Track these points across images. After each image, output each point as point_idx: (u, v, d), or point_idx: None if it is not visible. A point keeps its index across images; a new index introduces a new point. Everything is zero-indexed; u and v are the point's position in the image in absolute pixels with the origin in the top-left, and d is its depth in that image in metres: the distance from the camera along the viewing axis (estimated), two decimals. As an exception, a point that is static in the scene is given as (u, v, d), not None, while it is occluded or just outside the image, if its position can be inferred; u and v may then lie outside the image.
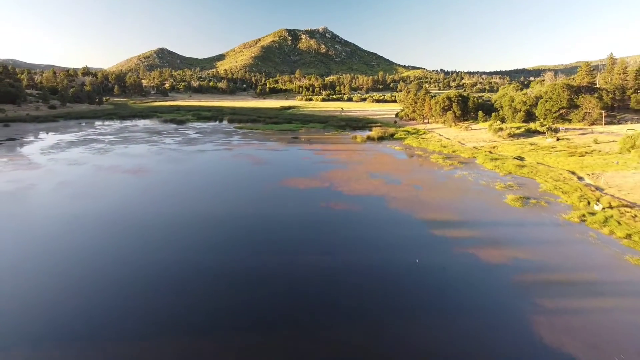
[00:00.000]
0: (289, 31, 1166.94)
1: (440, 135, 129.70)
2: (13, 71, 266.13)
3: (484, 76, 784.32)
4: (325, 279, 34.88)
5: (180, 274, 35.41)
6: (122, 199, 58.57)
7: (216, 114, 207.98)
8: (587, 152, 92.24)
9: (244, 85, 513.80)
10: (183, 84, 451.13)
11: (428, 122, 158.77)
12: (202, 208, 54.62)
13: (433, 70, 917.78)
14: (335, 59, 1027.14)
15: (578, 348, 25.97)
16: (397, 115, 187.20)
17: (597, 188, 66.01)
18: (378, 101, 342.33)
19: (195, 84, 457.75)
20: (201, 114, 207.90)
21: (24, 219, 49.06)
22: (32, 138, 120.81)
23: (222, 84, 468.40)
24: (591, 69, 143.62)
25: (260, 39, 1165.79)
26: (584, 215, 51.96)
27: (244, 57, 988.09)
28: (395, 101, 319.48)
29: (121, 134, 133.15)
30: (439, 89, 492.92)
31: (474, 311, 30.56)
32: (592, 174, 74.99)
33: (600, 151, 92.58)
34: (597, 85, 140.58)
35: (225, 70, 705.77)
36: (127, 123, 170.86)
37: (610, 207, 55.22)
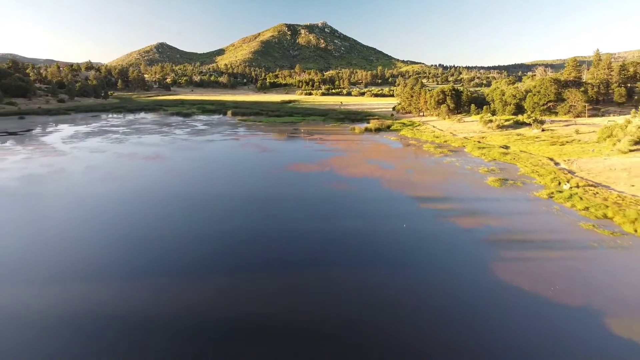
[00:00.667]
0: (288, 26, 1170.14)
1: (434, 127, 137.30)
2: (22, 66, 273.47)
3: (482, 71, 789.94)
4: (326, 237, 42.68)
5: (213, 234, 43.20)
6: (147, 180, 66.26)
7: (219, 108, 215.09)
8: (567, 142, 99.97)
9: (245, 80, 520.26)
10: (184, 78, 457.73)
11: (423, 115, 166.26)
12: (219, 188, 62.45)
13: (432, 65, 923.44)
14: (335, 54, 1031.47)
15: (525, 282, 33.74)
16: (394, 108, 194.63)
17: (570, 172, 73.81)
18: (376, 95, 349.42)
19: (196, 78, 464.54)
20: (205, 108, 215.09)
21: (69, 197, 56.66)
22: (49, 129, 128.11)
23: (223, 79, 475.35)
24: (578, 64, 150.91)
25: (259, 34, 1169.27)
26: (552, 193, 59.73)
27: (244, 51, 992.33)
28: (393, 95, 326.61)
29: (132, 126, 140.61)
30: (437, 84, 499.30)
31: (446, 258, 38.42)
32: (568, 160, 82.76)
33: (579, 141, 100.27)
34: (584, 80, 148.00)
35: (225, 65, 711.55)
36: (136, 116, 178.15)
37: (577, 186, 63.06)
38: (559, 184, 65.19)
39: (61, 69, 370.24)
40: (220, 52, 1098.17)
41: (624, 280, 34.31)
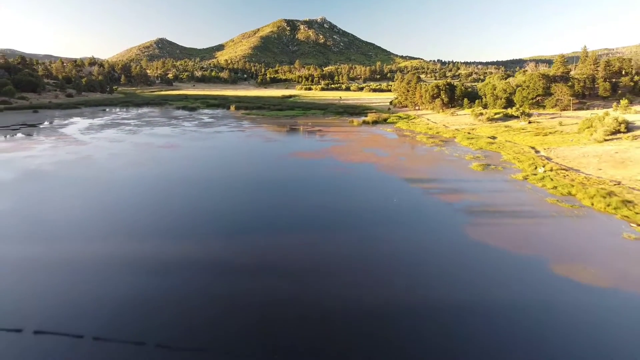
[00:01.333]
0: (288, 21, 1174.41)
1: (428, 119, 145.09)
2: (29, 62, 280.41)
3: (480, 66, 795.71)
4: (327, 207, 50.61)
5: (232, 206, 51.13)
6: (168, 165, 74.05)
7: (222, 102, 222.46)
8: (550, 133, 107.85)
9: (245, 75, 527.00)
10: (186, 73, 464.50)
11: (419, 109, 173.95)
12: (232, 171, 70.37)
13: (430, 61, 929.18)
14: (334, 49, 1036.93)
15: (492, 240, 41.61)
16: (391, 103, 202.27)
17: (547, 158, 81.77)
18: (375, 90, 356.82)
19: (198, 74, 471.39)
20: (209, 102, 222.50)
21: (103, 177, 64.45)
22: (65, 122, 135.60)
23: (224, 74, 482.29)
24: (565, 60, 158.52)
25: (259, 30, 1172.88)
26: (527, 176, 67.70)
27: (243, 47, 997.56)
28: (390, 90, 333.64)
29: (142, 119, 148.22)
30: (435, 79, 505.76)
31: (428, 223, 46.41)
32: (548, 148, 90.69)
33: (562, 132, 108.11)
34: (571, 75, 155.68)
35: (226, 60, 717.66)
36: (143, 110, 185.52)
37: (551, 170, 71.07)
38: (535, 168, 73.13)
39: (65, 64, 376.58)
40: (220, 47, 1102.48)
41: (570, 239, 42.26)
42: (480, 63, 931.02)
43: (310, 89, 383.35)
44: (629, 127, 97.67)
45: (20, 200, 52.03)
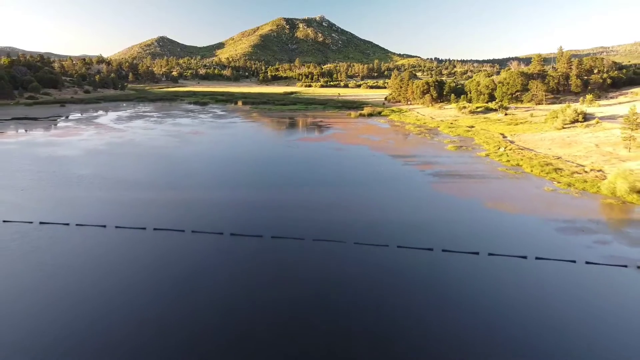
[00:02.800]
0: (287, 20, 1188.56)
1: (417, 112, 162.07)
2: (47, 60, 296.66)
3: (475, 64, 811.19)
4: (330, 173, 67.61)
5: (257, 172, 68.12)
6: (200, 147, 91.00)
7: (229, 98, 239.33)
8: (521, 123, 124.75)
9: (246, 73, 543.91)
10: (190, 71, 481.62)
11: (410, 104, 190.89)
12: (253, 150, 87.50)
13: (427, 59, 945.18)
14: (332, 48, 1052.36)
15: (448, 191, 58.46)
16: (385, 98, 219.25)
17: (511, 141, 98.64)
18: (371, 87, 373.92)
19: (202, 71, 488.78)
20: (217, 98, 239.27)
21: (152, 154, 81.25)
22: (93, 114, 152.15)
23: (226, 72, 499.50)
24: (543, 59, 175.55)
25: (258, 28, 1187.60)
26: (490, 153, 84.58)
27: (243, 45, 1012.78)
28: (386, 87, 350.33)
29: (161, 112, 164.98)
30: (431, 77, 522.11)
31: (405, 182, 63.42)
32: (515, 134, 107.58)
33: (531, 122, 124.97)
34: (547, 73, 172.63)
35: (227, 58, 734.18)
36: (158, 105, 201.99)
37: (510, 149, 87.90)
38: (499, 148, 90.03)
39: (75, 62, 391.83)
40: (220, 45, 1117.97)
41: (505, 190, 59.23)
42: (477, 61, 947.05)
43: (310, 86, 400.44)
44: (587, 118, 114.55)
45: (97, 167, 68.93)
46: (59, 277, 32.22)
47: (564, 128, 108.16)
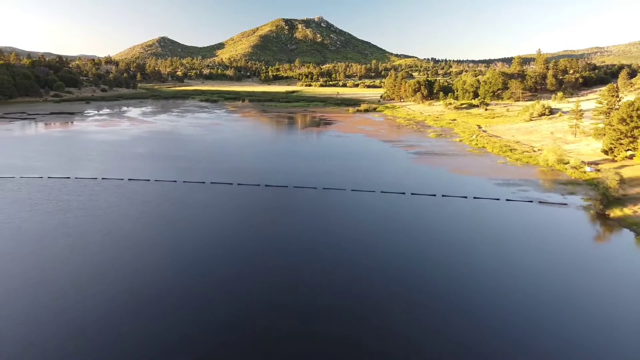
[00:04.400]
0: (286, 21, 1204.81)
1: (409, 109, 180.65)
2: (66, 61, 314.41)
3: (471, 64, 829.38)
4: (332, 151, 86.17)
5: (273, 150, 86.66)
6: (222, 134, 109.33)
7: (236, 96, 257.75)
8: (497, 116, 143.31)
9: (248, 73, 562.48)
10: (194, 71, 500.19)
11: (403, 101, 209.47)
12: (268, 137, 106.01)
13: (424, 59, 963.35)
14: (331, 48, 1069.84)
15: (424, 163, 77.05)
16: (381, 96, 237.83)
17: (484, 131, 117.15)
18: (369, 87, 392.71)
19: (206, 71, 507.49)
20: (225, 96, 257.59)
21: (187, 138, 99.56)
22: (120, 110, 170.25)
23: (229, 72, 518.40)
24: (522, 60, 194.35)
25: (258, 28, 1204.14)
26: (463, 139, 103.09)
27: (243, 45, 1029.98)
28: (382, 86, 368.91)
29: (180, 107, 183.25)
30: (427, 76, 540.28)
31: (391, 157, 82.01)
32: (489, 126, 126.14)
33: (506, 115, 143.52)
34: (526, 73, 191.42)
35: (229, 58, 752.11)
36: (173, 102, 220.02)
37: (481, 136, 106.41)
38: (472, 136, 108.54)
39: (85, 62, 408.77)
40: (220, 46, 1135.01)
41: (469, 163, 77.70)
42: (473, 61, 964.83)
43: (310, 85, 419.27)
44: (552, 112, 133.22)
45: (149, 148, 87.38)
46: (157, 206, 50.76)
47: (531, 120, 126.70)
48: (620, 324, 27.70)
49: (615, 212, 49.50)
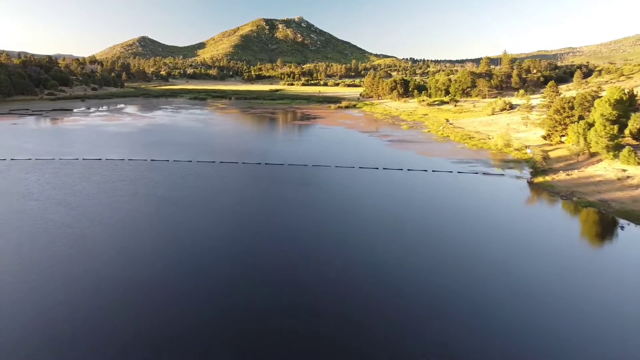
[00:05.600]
0: (266, 20, 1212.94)
1: (386, 105, 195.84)
2: (54, 61, 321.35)
3: (447, 64, 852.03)
4: (313, 139, 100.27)
5: (265, 136, 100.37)
6: (219, 127, 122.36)
7: (223, 94, 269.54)
8: (465, 111, 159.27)
9: (231, 72, 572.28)
10: (177, 71, 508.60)
11: (381, 98, 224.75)
12: (257, 129, 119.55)
13: (403, 59, 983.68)
14: (311, 48, 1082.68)
15: (395, 148, 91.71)
16: (360, 94, 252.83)
17: (451, 124, 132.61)
18: (349, 86, 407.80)
19: (189, 71, 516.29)
20: (212, 94, 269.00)
21: (190, 129, 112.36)
22: (117, 107, 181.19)
23: (212, 71, 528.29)
24: (489, 61, 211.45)
25: (238, 28, 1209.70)
26: (430, 131, 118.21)
27: (224, 45, 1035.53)
28: (362, 86, 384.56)
29: (172, 105, 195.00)
30: (405, 76, 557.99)
31: (366, 145, 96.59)
32: (456, 119, 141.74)
33: (472, 110, 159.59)
34: (493, 72, 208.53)
35: (211, 58, 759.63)
36: (163, 100, 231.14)
37: (447, 128, 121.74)
38: (439, 127, 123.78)
39: (70, 62, 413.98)
40: (201, 45, 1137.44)
41: (432, 148, 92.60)
42: (450, 61, 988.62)
43: (292, 84, 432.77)
44: (513, 107, 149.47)
45: (157, 137, 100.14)
46: (181, 177, 64.25)
47: (493, 114, 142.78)
48: (532, 244, 42.61)
49: (538, 179, 64.71)
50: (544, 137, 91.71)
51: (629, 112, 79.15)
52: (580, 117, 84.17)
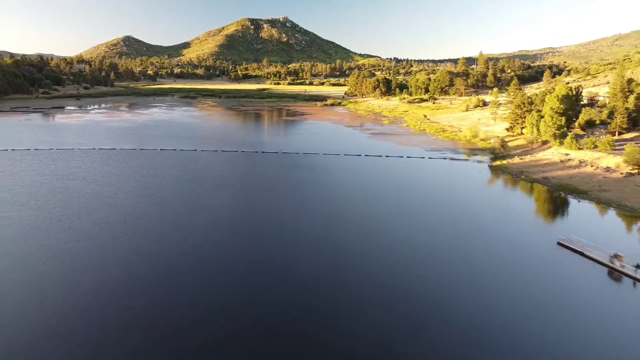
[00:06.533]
0: (251, 20, 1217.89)
1: (369, 103, 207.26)
2: (46, 60, 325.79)
3: (431, 64, 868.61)
4: (302, 134, 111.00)
5: (259, 135, 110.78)
6: (214, 123, 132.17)
7: (212, 93, 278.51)
8: (442, 108, 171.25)
9: (217, 72, 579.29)
10: (165, 70, 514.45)
11: (365, 97, 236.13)
12: (251, 124, 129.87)
13: (387, 59, 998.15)
14: (296, 48, 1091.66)
15: (377, 140, 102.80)
16: (345, 93, 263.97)
17: (428, 119, 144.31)
18: (334, 85, 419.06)
19: (177, 70, 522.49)
20: (202, 93, 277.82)
21: (191, 125, 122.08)
22: (110, 105, 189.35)
23: (199, 71, 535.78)
24: (466, 60, 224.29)
25: (223, 28, 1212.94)
26: (409, 125, 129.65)
27: (210, 45, 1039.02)
28: (346, 85, 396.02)
29: (165, 103, 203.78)
30: (389, 75, 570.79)
31: (350, 137, 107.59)
32: (433, 115, 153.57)
33: (449, 107, 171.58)
34: (470, 71, 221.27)
35: (197, 57, 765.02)
36: (156, 98, 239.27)
37: (424, 122, 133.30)
38: (417, 122, 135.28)
39: (59, 62, 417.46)
40: (186, 45, 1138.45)
41: (410, 138, 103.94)
42: (433, 61, 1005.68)
43: (278, 83, 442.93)
44: (486, 104, 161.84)
45: (161, 130, 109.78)
46: (194, 162, 74.42)
47: (467, 110, 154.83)
48: (479, 207, 53.87)
49: (496, 163, 76.23)
50: (507, 129, 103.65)
51: (576, 106, 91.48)
52: (539, 112, 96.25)
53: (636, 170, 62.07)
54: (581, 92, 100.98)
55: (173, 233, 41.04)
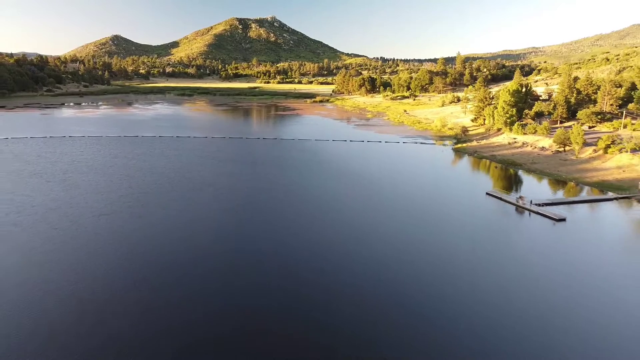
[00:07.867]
0: (240, 20, 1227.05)
1: (355, 100, 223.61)
2: (45, 59, 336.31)
3: (416, 63, 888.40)
4: (293, 126, 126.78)
5: (248, 122, 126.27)
6: (213, 117, 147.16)
7: (207, 91, 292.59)
8: (421, 104, 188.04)
9: (207, 71, 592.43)
10: (156, 69, 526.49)
11: (351, 94, 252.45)
12: (248, 118, 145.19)
13: (373, 58, 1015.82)
14: (284, 47, 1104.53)
15: (359, 130, 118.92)
16: (333, 91, 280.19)
17: (407, 113, 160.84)
18: (322, 83, 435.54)
19: (168, 69, 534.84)
20: (197, 91, 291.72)
21: (195, 118, 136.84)
22: (115, 102, 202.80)
23: (190, 70, 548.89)
24: (445, 60, 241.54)
25: (212, 27, 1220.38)
26: (390, 118, 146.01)
27: (198, 44, 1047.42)
28: (334, 83, 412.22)
29: (165, 100, 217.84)
30: (375, 74, 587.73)
31: (337, 129, 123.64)
32: (412, 110, 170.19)
33: (428, 104, 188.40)
34: (448, 71, 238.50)
35: (187, 56, 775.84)
36: (155, 96, 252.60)
37: (403, 116, 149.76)
38: (397, 116, 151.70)
39: (54, 61, 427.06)
40: (175, 44, 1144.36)
41: (390, 129, 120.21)
42: (418, 60, 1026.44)
43: (268, 82, 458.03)
44: (460, 100, 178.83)
45: (172, 122, 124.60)
46: (208, 144, 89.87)
47: (443, 106, 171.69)
48: (438, 177, 70.29)
49: (458, 146, 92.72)
50: (472, 120, 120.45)
51: (526, 99, 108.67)
52: (495, 105, 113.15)
53: (562, 149, 78.96)
54: (530, 87, 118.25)
55: (204, 189, 56.59)
